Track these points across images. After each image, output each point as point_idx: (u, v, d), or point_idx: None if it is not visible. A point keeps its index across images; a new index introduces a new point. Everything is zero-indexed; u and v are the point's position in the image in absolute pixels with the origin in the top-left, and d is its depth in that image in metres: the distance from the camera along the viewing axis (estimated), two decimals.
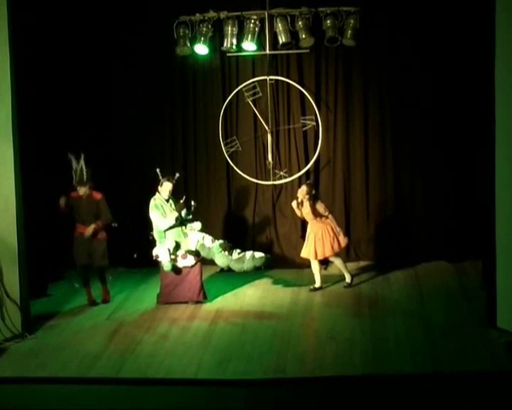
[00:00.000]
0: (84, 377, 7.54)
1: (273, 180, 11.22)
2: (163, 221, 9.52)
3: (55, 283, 10.59)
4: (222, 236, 10.40)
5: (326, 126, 11.12)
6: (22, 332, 8.60)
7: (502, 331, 8.14)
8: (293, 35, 10.74)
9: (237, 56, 11.10)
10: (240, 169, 11.20)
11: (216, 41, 11.01)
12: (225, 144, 11.18)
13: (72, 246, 9.72)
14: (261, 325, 8.85)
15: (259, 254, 9.84)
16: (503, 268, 8.16)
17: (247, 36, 10.76)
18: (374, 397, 7.00)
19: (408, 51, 10.76)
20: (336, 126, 11.23)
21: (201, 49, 10.92)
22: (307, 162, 11.16)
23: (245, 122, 11.34)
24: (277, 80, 11.15)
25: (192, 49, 10.92)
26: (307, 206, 9.89)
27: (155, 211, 9.54)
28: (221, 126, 11.11)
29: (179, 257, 9.58)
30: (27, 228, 8.87)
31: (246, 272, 9.92)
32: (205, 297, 9.73)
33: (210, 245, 9.67)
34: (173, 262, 9.54)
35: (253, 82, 11.10)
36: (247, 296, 10.00)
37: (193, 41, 10.88)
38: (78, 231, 9.65)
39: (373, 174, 11.22)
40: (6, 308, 8.54)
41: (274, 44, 10.92)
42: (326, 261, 10.57)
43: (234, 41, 10.82)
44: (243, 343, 8.31)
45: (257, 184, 11.34)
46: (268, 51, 10.94)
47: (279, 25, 10.69)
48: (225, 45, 10.87)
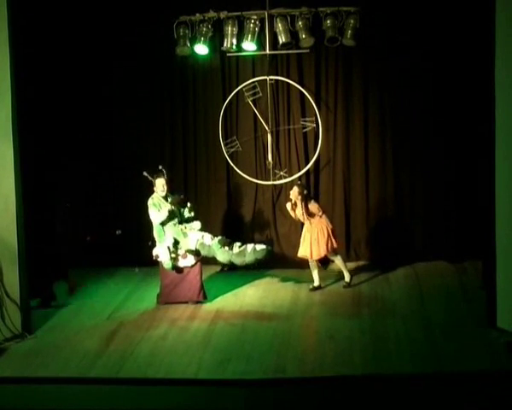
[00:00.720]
0: (84, 377, 7.54)
1: (273, 180, 11.22)
2: (158, 215, 9.50)
3: (55, 283, 10.57)
4: (222, 236, 10.38)
5: (326, 126, 11.12)
6: (22, 332, 8.60)
7: (502, 331, 8.14)
8: (293, 35, 10.74)
9: (237, 56, 11.09)
10: (240, 169, 11.20)
11: (216, 41, 11.00)
12: (225, 144, 11.17)
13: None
14: (261, 325, 8.85)
15: (261, 246, 9.82)
16: (503, 268, 8.16)
17: (247, 36, 10.76)
18: (374, 397, 6.99)
19: (408, 51, 10.76)
20: (336, 126, 11.23)
21: (201, 49, 10.92)
22: (307, 162, 11.16)
23: (245, 122, 11.33)
24: (277, 80, 11.15)
25: (192, 49, 10.92)
26: (301, 207, 9.89)
27: (152, 208, 9.54)
28: (221, 126, 11.10)
29: (180, 257, 9.58)
30: (27, 228, 8.86)
31: (248, 266, 9.90)
32: (205, 297, 9.72)
33: (210, 243, 9.66)
34: (173, 261, 9.54)
35: (253, 82, 11.10)
36: (247, 296, 10.00)
37: (193, 41, 10.87)
38: None
39: (373, 174, 11.22)
40: (6, 308, 8.54)
41: (274, 44, 10.92)
42: (326, 261, 10.57)
43: (234, 41, 10.82)
44: (243, 343, 8.31)
45: (257, 184, 11.33)
46: (268, 51, 10.93)
47: (279, 25, 10.69)
48: (225, 45, 10.86)
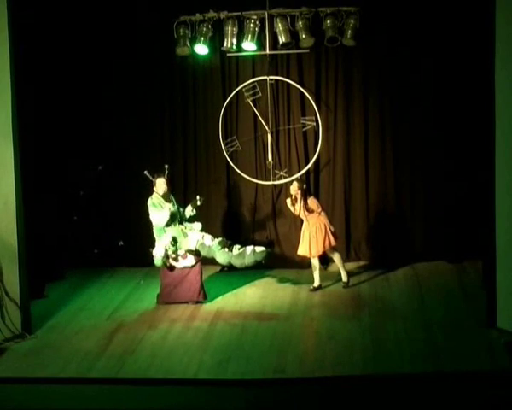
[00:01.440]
0: (84, 377, 7.54)
1: (273, 180, 11.22)
2: (161, 216, 9.48)
3: (56, 283, 10.58)
4: (222, 236, 10.38)
5: (326, 126, 11.11)
6: (22, 332, 8.60)
7: (502, 331, 8.14)
8: (293, 35, 10.73)
9: (237, 56, 11.08)
10: (240, 169, 11.19)
11: (216, 41, 11.00)
12: (225, 144, 11.17)
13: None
14: (261, 325, 8.85)
15: (260, 248, 9.80)
16: (503, 268, 8.16)
17: (247, 36, 10.75)
18: (374, 397, 7.00)
19: (408, 51, 10.75)
20: (336, 126, 11.22)
21: (201, 49, 10.91)
22: (307, 162, 11.16)
23: (245, 122, 11.32)
24: (277, 80, 11.14)
25: (192, 49, 10.92)
26: (300, 202, 9.89)
27: (152, 208, 9.53)
28: (221, 126, 11.10)
29: (180, 257, 9.58)
30: (27, 228, 8.86)
31: (247, 268, 9.89)
32: (205, 297, 9.72)
33: (210, 244, 9.66)
34: (165, 260, 9.49)
35: (253, 82, 11.09)
36: (247, 296, 9.99)
37: (193, 41, 10.87)
38: None
39: (373, 174, 11.21)
40: (6, 308, 8.54)
41: (274, 44, 10.91)
42: (326, 261, 10.55)
43: (234, 41, 10.82)
44: (243, 344, 8.31)
45: (257, 184, 11.33)
46: (268, 51, 10.93)
47: (279, 25, 10.69)
48: (225, 45, 10.86)
